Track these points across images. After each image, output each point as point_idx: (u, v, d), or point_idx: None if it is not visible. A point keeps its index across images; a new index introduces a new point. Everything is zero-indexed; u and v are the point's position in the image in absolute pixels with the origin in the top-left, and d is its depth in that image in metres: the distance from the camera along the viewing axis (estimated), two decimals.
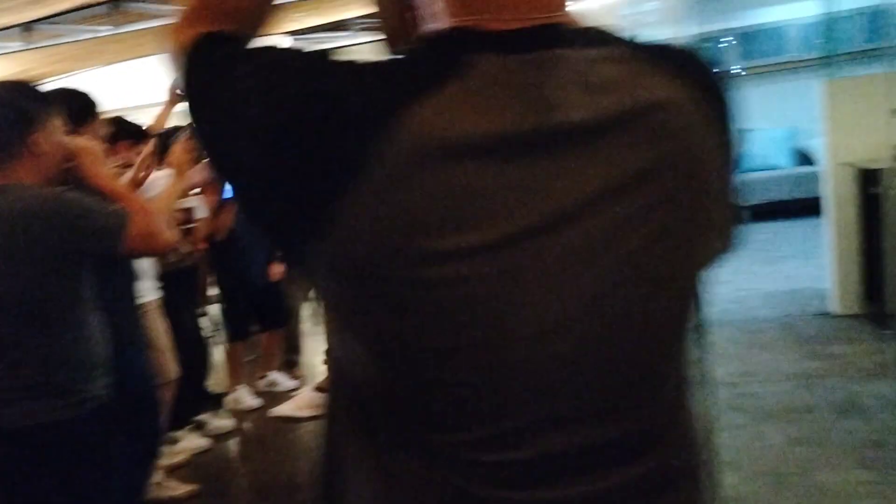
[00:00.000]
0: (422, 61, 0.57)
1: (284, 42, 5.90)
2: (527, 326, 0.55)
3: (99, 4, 5.45)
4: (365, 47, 7.59)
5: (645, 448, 0.61)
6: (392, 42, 0.70)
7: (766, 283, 5.08)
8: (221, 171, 0.64)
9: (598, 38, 0.61)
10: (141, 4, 5.53)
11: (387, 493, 0.60)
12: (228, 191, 3.93)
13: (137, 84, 7.32)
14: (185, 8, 0.65)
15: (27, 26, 5.63)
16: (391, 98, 0.54)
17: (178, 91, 2.62)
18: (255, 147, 0.56)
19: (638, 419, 0.61)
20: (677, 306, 0.62)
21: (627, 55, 0.60)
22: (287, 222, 0.58)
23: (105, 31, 5.66)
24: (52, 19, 5.58)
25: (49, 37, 5.73)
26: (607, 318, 0.57)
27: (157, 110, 3.71)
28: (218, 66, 0.61)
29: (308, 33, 7.22)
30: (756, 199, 6.76)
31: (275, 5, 0.69)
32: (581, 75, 0.57)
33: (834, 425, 2.96)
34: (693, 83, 0.61)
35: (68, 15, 5.58)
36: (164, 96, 3.63)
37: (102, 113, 2.73)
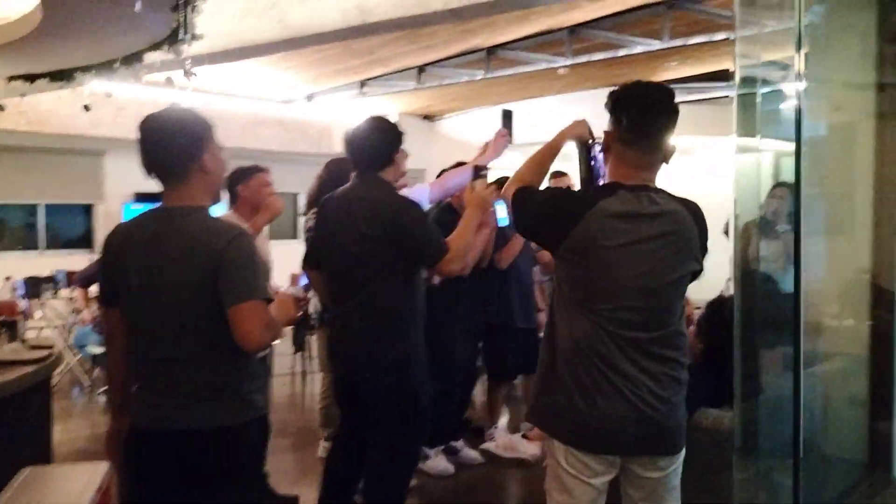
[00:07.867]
0: (605, 188, 1.80)
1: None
2: (630, 274, 1.71)
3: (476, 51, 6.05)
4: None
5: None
6: (581, 183, 2.01)
7: None
8: (523, 226, 1.94)
9: (653, 189, 1.78)
10: (511, 52, 5.96)
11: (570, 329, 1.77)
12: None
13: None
14: (512, 179, 1.92)
15: (421, 68, 6.49)
16: (594, 198, 1.75)
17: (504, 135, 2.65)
18: (543, 210, 1.84)
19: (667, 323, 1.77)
20: (678, 282, 1.77)
21: (664, 194, 1.78)
22: (553, 235, 1.78)
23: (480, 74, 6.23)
24: (439, 63, 6.34)
25: (437, 78, 6.51)
26: (655, 277, 1.72)
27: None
28: (527, 196, 1.88)
29: (684, 82, 6.97)
30: None
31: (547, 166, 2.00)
32: (650, 196, 1.74)
33: None
34: (688, 207, 1.79)
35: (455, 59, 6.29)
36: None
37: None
